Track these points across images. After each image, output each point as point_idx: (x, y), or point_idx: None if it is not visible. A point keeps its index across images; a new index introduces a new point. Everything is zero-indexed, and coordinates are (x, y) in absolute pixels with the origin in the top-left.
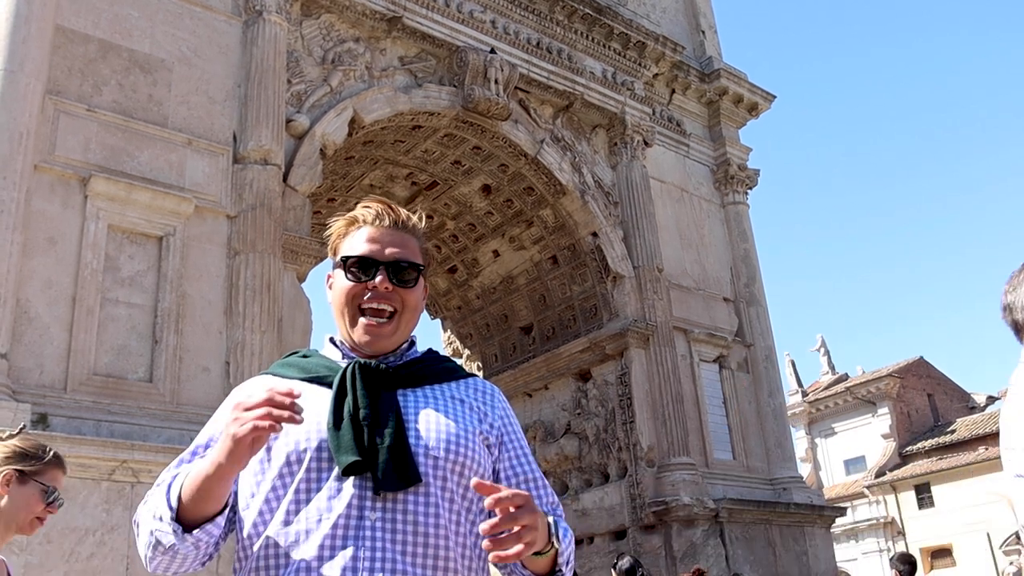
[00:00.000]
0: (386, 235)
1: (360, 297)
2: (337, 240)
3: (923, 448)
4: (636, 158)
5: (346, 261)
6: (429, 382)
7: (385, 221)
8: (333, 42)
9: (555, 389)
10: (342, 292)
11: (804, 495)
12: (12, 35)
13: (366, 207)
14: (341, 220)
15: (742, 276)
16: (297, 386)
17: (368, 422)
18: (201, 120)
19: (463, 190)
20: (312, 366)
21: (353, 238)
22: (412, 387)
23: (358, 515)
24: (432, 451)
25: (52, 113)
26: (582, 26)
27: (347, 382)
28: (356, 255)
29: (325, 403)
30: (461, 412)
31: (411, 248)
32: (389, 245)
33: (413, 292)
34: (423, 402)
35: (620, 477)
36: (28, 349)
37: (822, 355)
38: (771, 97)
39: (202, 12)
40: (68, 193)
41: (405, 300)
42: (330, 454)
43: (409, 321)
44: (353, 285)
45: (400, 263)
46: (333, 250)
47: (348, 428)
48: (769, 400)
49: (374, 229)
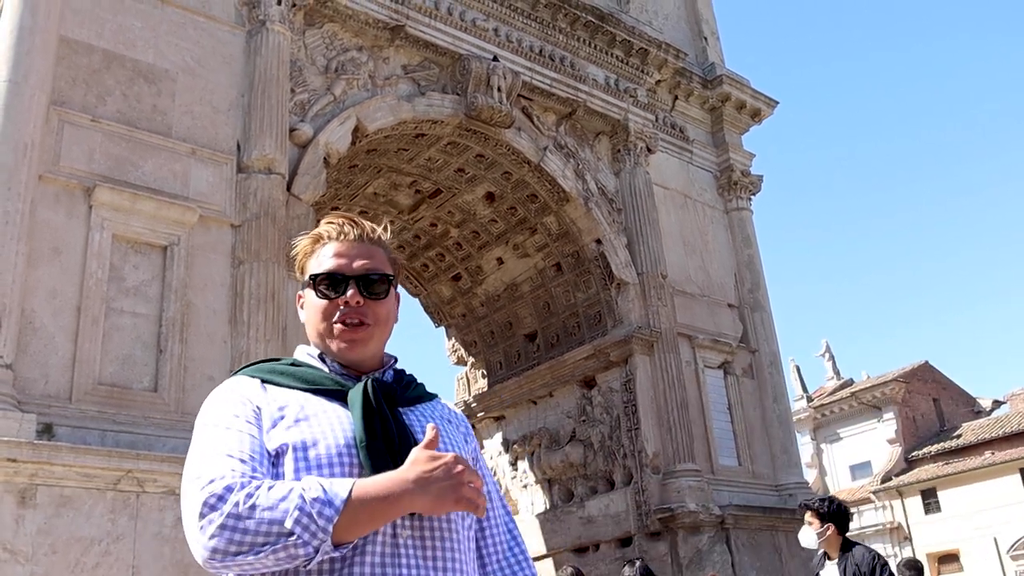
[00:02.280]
0: (352, 249)
1: (333, 314)
2: (304, 259)
3: (929, 453)
4: (639, 165)
5: (315, 279)
6: (418, 401)
7: (350, 235)
8: (336, 51)
9: (560, 396)
10: (314, 311)
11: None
12: (17, 46)
13: (329, 223)
14: (305, 238)
15: (746, 282)
16: (299, 396)
17: (397, 442)
18: (205, 130)
19: (467, 198)
20: (313, 377)
21: (319, 255)
22: (409, 406)
23: (392, 534)
24: None
25: (56, 124)
26: (585, 33)
27: (371, 400)
28: (324, 272)
29: (339, 417)
30: (454, 432)
31: (379, 259)
32: (356, 258)
33: (385, 303)
34: (425, 421)
35: (625, 484)
36: (33, 359)
37: (827, 360)
38: (773, 103)
39: (205, 22)
40: (73, 203)
41: (376, 312)
42: (361, 471)
43: (383, 332)
44: (325, 304)
45: (369, 275)
46: (300, 269)
47: (381, 447)
48: (774, 406)
49: (340, 244)
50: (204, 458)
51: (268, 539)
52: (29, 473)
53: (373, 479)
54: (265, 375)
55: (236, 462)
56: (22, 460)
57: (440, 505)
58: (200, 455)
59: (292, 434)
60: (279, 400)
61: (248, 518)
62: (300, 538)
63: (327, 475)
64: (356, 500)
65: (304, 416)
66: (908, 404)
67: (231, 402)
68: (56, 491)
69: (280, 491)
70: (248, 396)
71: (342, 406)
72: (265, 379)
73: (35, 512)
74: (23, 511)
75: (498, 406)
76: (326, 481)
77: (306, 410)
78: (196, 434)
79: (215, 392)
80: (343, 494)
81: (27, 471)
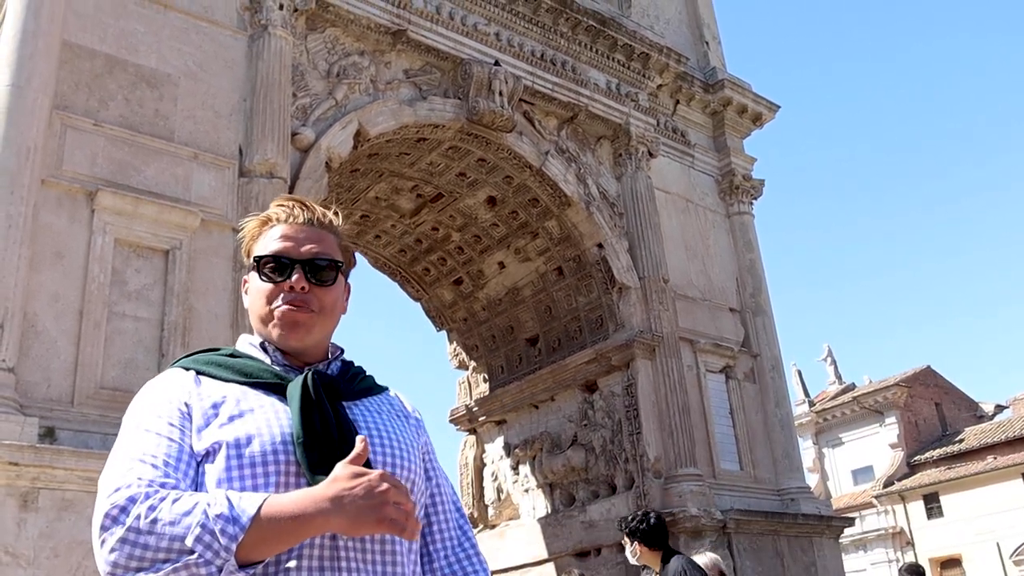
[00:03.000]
0: (301, 232)
1: (276, 299)
2: (250, 242)
3: (931, 458)
4: (641, 169)
5: (259, 261)
6: (364, 396)
7: (300, 218)
8: (338, 55)
9: (561, 400)
10: (258, 295)
11: (812, 505)
12: (20, 50)
13: (279, 205)
14: (253, 220)
15: (748, 286)
16: (236, 390)
17: (336, 439)
18: (207, 134)
19: (468, 202)
20: (251, 369)
21: (266, 237)
22: (355, 399)
23: (331, 535)
24: (389, 467)
25: (59, 128)
26: (586, 38)
27: (311, 394)
28: (269, 254)
29: (277, 413)
30: (403, 427)
31: (328, 244)
32: (305, 242)
33: (331, 291)
34: (370, 417)
35: (627, 488)
36: (35, 363)
37: (829, 365)
38: (775, 107)
39: (208, 27)
40: (75, 207)
41: (322, 300)
42: (298, 469)
43: (328, 321)
44: (269, 288)
45: (317, 260)
46: (246, 252)
47: (319, 445)
48: (776, 410)
49: (288, 227)
50: (114, 465)
51: (169, 556)
52: (31, 477)
53: (289, 495)
54: (201, 367)
55: (147, 468)
56: (24, 464)
57: (358, 527)
58: (112, 461)
59: (226, 432)
60: (214, 395)
61: (149, 533)
62: (201, 557)
63: (261, 473)
64: (264, 518)
65: (239, 412)
66: (910, 408)
67: (154, 402)
68: (58, 495)
69: (184, 505)
70: (175, 394)
71: (281, 400)
72: (201, 371)
73: (37, 516)
74: (25, 515)
75: (499, 410)
76: (236, 495)
77: (242, 405)
78: (118, 436)
79: (143, 389)
80: (250, 511)
81: (29, 475)
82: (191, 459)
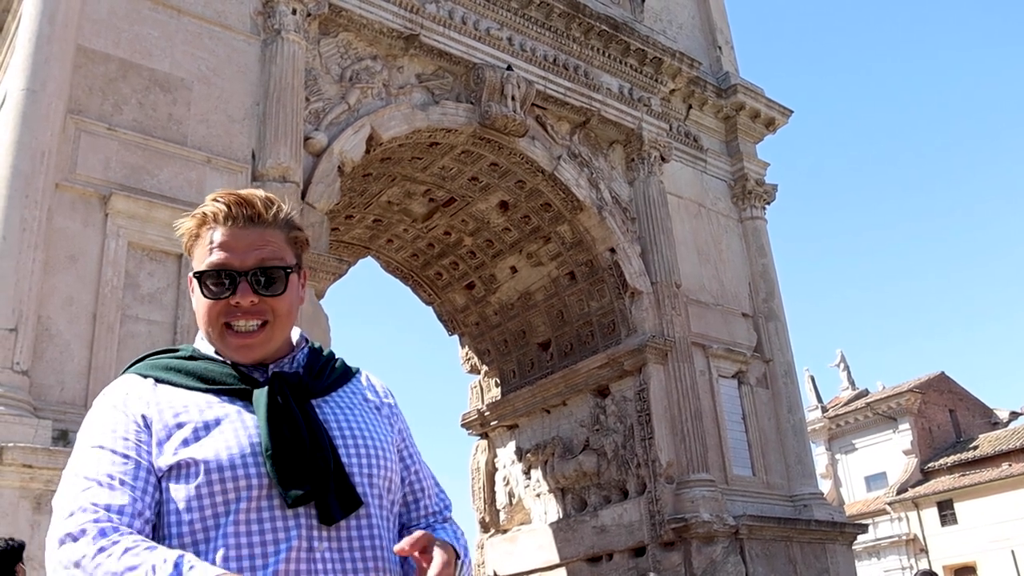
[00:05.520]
0: (243, 236)
1: (225, 314)
2: (189, 242)
3: (945, 464)
4: (653, 174)
5: (201, 277)
6: (335, 388)
7: (240, 220)
8: (351, 60)
9: (573, 405)
10: (204, 310)
11: (825, 512)
12: (35, 55)
13: (216, 201)
14: (190, 220)
15: (760, 291)
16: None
17: (308, 446)
18: (220, 138)
19: (480, 206)
20: (213, 375)
21: (205, 243)
22: (325, 394)
23: (308, 548)
24: (365, 470)
25: (73, 132)
26: (599, 43)
27: (277, 401)
28: (210, 267)
29: (244, 423)
30: (376, 420)
31: (275, 246)
32: (248, 249)
33: (283, 299)
34: (341, 414)
35: (639, 493)
36: (49, 366)
37: (842, 370)
38: (788, 112)
39: (221, 32)
40: (89, 211)
41: (275, 309)
42: (269, 482)
43: (283, 328)
44: (214, 303)
45: (263, 269)
46: (187, 251)
47: (289, 455)
48: (789, 416)
49: (227, 230)
50: (68, 485)
51: None
52: (45, 479)
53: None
54: (160, 373)
55: (102, 491)
56: (38, 466)
57: None
58: (65, 481)
59: (193, 450)
60: (175, 405)
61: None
62: None
63: (232, 489)
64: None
65: (204, 425)
66: (924, 415)
67: (109, 416)
68: None
69: (132, 560)
70: (132, 407)
71: (247, 409)
72: (160, 378)
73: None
74: (38, 517)
75: (511, 415)
76: (187, 564)
77: (207, 417)
78: (73, 452)
79: (98, 399)
80: None
81: (43, 477)
82: (149, 475)
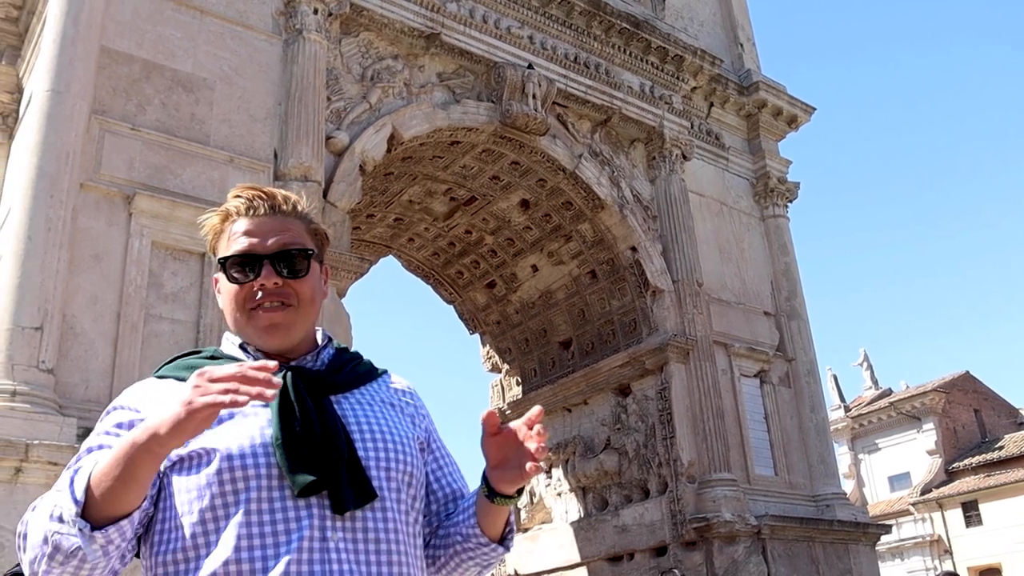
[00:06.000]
0: (265, 224)
1: (250, 299)
2: (213, 239)
3: (970, 465)
4: (675, 172)
5: (225, 262)
6: (356, 385)
7: (260, 209)
8: (372, 59)
9: (594, 404)
10: (230, 296)
11: (848, 512)
12: (59, 56)
13: (237, 196)
14: (212, 215)
15: (783, 290)
16: None
17: (320, 437)
18: (242, 138)
19: (501, 205)
20: None
21: (228, 234)
22: (343, 392)
23: (320, 537)
24: (383, 463)
25: (97, 132)
26: (620, 40)
27: (289, 392)
28: (234, 253)
29: (257, 415)
30: (396, 418)
31: (296, 232)
32: (270, 234)
33: (308, 281)
34: (360, 409)
35: (660, 493)
36: (74, 364)
37: (865, 369)
38: (811, 109)
39: (243, 32)
40: (113, 211)
41: (299, 292)
42: (280, 472)
43: (308, 312)
44: (238, 288)
45: (286, 252)
46: (211, 250)
47: (300, 445)
48: (811, 415)
49: (250, 220)
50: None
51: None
52: None
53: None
54: (180, 372)
55: None
56: (63, 463)
57: (176, 425)
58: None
59: (204, 438)
60: None
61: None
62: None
63: (241, 478)
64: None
65: (218, 418)
66: (948, 415)
67: (111, 417)
68: None
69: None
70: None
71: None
72: (179, 378)
73: None
74: None
75: None
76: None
77: None
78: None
79: (114, 402)
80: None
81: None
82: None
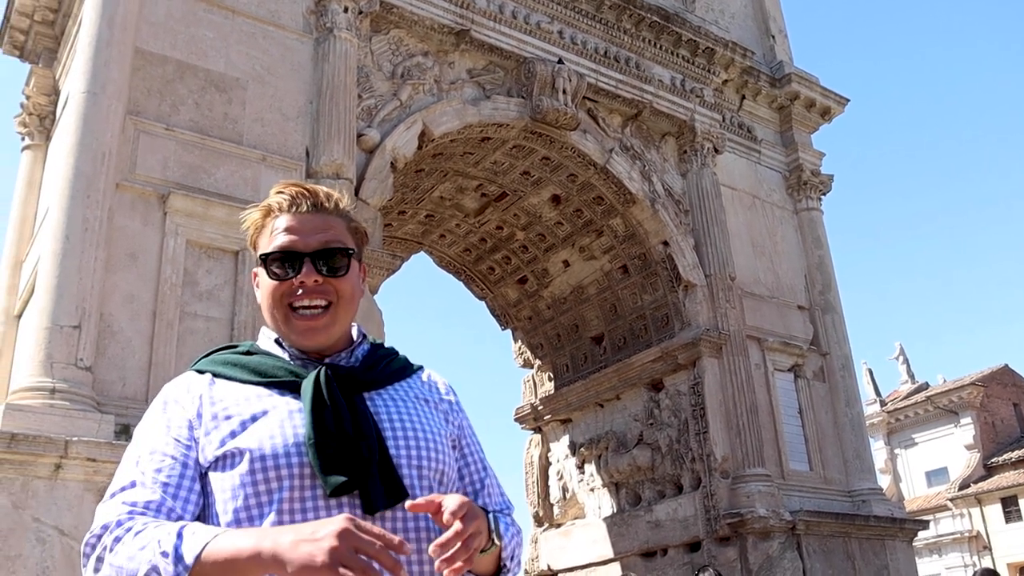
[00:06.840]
0: (307, 221)
1: (289, 295)
2: (254, 234)
3: (1009, 459)
4: (706, 165)
5: (266, 258)
6: (389, 382)
7: (303, 206)
8: (402, 56)
9: (627, 399)
10: (268, 292)
11: (884, 507)
12: (95, 58)
13: (280, 193)
14: (255, 211)
15: (817, 283)
16: (251, 392)
17: (352, 436)
18: (275, 136)
19: (532, 200)
20: (266, 368)
21: (270, 230)
22: (376, 389)
23: None
24: (414, 461)
25: (132, 133)
26: (650, 34)
27: (323, 391)
28: (276, 249)
29: (292, 414)
30: (429, 415)
31: (337, 231)
32: (312, 232)
33: (347, 280)
34: (392, 407)
35: (694, 488)
36: (111, 362)
37: (900, 363)
38: (844, 100)
39: (275, 31)
40: (148, 210)
41: (339, 290)
42: (312, 471)
43: (347, 311)
44: (278, 284)
45: (327, 250)
46: (252, 244)
47: (332, 444)
48: (846, 410)
49: (292, 216)
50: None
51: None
52: (108, 472)
53: (240, 533)
54: (217, 368)
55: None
56: (101, 460)
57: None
58: (116, 478)
59: (239, 440)
60: (227, 399)
61: (110, 565)
62: None
63: (274, 478)
64: (206, 561)
65: (252, 417)
66: (986, 409)
67: (160, 415)
68: None
69: (142, 540)
70: (183, 403)
71: (296, 399)
72: (217, 373)
73: None
74: None
75: (565, 409)
76: (190, 530)
77: (255, 408)
78: (129, 446)
79: (158, 396)
80: (195, 549)
81: (106, 470)
82: (186, 470)
